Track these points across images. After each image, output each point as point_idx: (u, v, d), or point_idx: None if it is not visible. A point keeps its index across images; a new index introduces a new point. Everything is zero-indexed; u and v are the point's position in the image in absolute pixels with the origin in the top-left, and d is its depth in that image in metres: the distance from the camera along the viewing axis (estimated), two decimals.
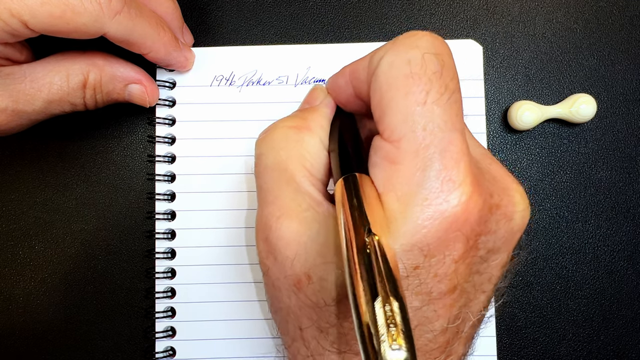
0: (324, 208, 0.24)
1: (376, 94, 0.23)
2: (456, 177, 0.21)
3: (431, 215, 0.21)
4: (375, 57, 0.24)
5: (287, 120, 0.28)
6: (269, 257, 0.24)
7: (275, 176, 0.25)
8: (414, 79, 0.22)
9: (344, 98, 0.28)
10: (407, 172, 0.21)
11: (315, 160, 0.26)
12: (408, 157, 0.21)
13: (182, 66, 0.33)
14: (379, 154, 0.23)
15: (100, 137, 0.35)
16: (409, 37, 0.23)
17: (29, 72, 0.29)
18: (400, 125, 0.22)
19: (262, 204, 0.26)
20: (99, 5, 0.26)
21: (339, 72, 0.28)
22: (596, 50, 0.35)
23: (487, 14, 0.36)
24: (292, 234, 0.23)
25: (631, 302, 0.34)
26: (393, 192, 0.21)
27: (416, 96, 0.21)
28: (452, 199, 0.21)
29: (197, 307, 0.33)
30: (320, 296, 0.22)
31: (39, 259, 0.34)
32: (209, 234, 0.34)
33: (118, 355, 0.34)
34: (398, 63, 0.22)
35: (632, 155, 0.35)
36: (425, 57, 0.22)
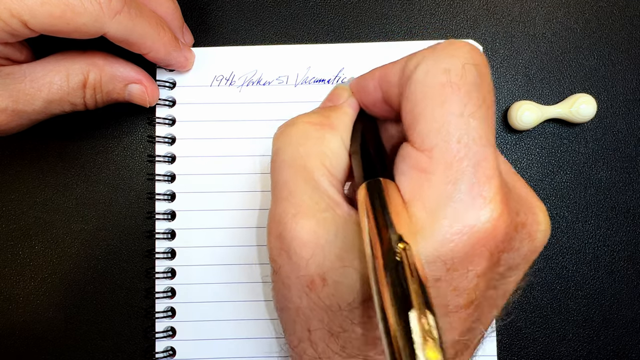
0: (344, 210, 0.24)
1: (409, 100, 0.23)
2: (487, 194, 0.21)
3: (460, 230, 0.20)
4: (411, 62, 0.23)
5: (308, 116, 0.27)
6: (281, 255, 0.24)
7: (292, 172, 0.25)
8: (452, 89, 0.21)
9: (370, 101, 0.27)
10: (438, 183, 0.21)
11: (335, 160, 0.25)
12: (440, 168, 0.21)
13: (182, 66, 0.33)
14: (407, 161, 0.22)
15: (100, 137, 0.35)
16: (448, 46, 0.23)
17: (28, 71, 0.29)
18: (434, 134, 0.21)
19: (276, 200, 0.25)
20: (99, 5, 0.26)
21: (368, 75, 0.27)
22: (596, 50, 0.35)
23: (487, 14, 0.36)
24: (309, 234, 0.23)
25: (631, 302, 0.34)
26: (421, 201, 0.21)
27: (453, 106, 0.21)
28: (483, 215, 0.20)
29: (197, 307, 0.33)
30: (335, 300, 0.22)
31: (39, 259, 0.34)
32: (208, 234, 0.34)
33: (118, 355, 0.34)
34: (436, 71, 0.22)
35: (632, 155, 0.35)
36: (465, 67, 0.22)
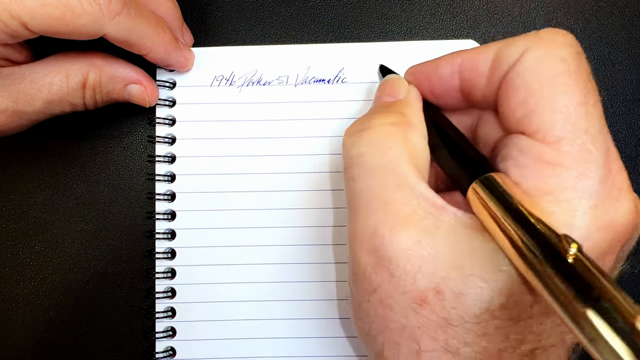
0: (449, 213, 0.22)
1: (519, 90, 0.21)
2: (621, 184, 0.20)
3: (600, 225, 0.19)
4: (512, 50, 0.22)
5: (384, 117, 0.25)
6: (379, 272, 0.22)
7: (381, 178, 0.23)
8: (572, 78, 0.21)
9: (442, 89, 0.26)
10: (571, 176, 0.20)
11: (422, 160, 0.24)
12: (570, 159, 0.20)
13: (182, 66, 0.33)
14: (528, 154, 0.21)
15: (100, 137, 0.35)
16: (555, 33, 0.22)
17: (28, 72, 0.29)
18: (561, 125, 0.20)
19: (363, 211, 0.23)
20: (98, 7, 0.26)
21: (442, 61, 0.26)
22: (596, 50, 0.35)
23: (487, 14, 0.36)
24: (412, 245, 0.21)
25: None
26: (552, 195, 0.20)
27: (577, 96, 0.20)
28: (622, 207, 0.20)
29: (197, 307, 0.33)
30: (456, 313, 0.20)
31: (39, 259, 0.34)
32: (209, 234, 0.34)
33: (118, 355, 0.34)
34: (551, 59, 0.21)
35: (632, 155, 0.35)
36: (580, 57, 0.21)
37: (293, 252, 0.33)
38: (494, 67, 0.23)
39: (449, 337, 0.20)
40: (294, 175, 0.34)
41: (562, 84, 0.21)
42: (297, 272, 0.33)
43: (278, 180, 0.34)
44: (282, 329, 0.33)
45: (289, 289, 0.33)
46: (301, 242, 0.33)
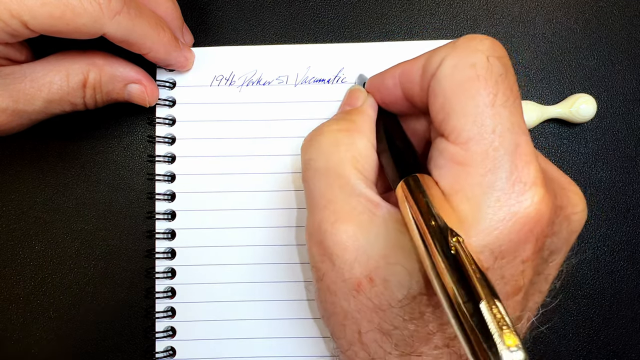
0: (382, 209, 0.24)
1: (438, 96, 0.23)
2: (527, 179, 0.21)
3: (504, 217, 0.21)
4: (434, 59, 0.24)
5: (333, 124, 0.28)
6: (324, 262, 0.24)
7: (327, 180, 0.25)
8: (481, 82, 0.22)
9: (391, 99, 0.28)
10: (477, 174, 0.21)
11: (367, 162, 0.26)
12: (477, 158, 0.21)
13: (182, 66, 0.33)
14: (444, 155, 0.23)
15: (100, 137, 0.35)
16: (470, 40, 0.23)
17: (29, 71, 0.29)
18: (469, 127, 0.22)
19: (313, 209, 0.25)
20: (98, 6, 0.26)
21: (387, 73, 0.28)
22: (596, 50, 0.35)
23: (487, 14, 0.36)
24: (349, 238, 0.23)
25: (631, 302, 0.34)
26: (462, 193, 0.21)
27: (484, 99, 0.22)
28: (525, 200, 0.21)
29: (197, 307, 0.33)
30: (384, 298, 0.22)
31: (39, 259, 0.34)
32: (208, 234, 0.34)
33: (118, 355, 0.34)
34: (462, 66, 0.22)
35: (632, 155, 0.35)
36: (490, 60, 0.22)
37: (293, 252, 0.33)
38: (422, 76, 0.25)
39: (381, 320, 0.23)
40: (294, 175, 0.34)
41: (470, 88, 0.22)
42: (297, 272, 0.33)
43: (278, 180, 0.34)
44: (281, 329, 0.33)
45: (289, 289, 0.33)
46: (301, 241, 0.33)
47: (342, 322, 0.24)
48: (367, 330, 0.23)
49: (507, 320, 0.16)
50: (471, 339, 0.17)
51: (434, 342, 0.22)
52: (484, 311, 0.17)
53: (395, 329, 0.22)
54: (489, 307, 0.17)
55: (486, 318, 0.17)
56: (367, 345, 0.23)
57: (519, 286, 0.22)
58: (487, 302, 0.17)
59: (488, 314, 0.17)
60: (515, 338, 0.16)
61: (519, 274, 0.22)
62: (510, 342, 0.16)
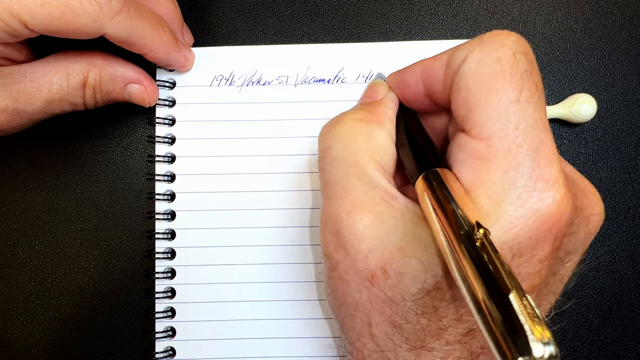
0: (400, 202, 0.24)
1: (461, 91, 0.23)
2: (549, 177, 0.21)
3: (524, 214, 0.21)
4: (457, 55, 0.23)
5: (354, 113, 0.27)
6: (338, 251, 0.24)
7: (344, 169, 0.25)
8: (506, 77, 0.22)
9: (411, 95, 0.28)
10: (499, 170, 0.21)
11: (385, 154, 0.26)
12: (500, 154, 0.21)
13: (182, 66, 0.33)
14: (465, 150, 0.23)
15: (100, 137, 0.35)
16: (496, 36, 0.23)
17: (28, 71, 0.29)
18: (492, 122, 0.22)
19: (329, 198, 0.25)
20: (98, 6, 0.26)
21: (408, 70, 0.28)
22: (596, 50, 0.35)
23: (487, 14, 0.36)
24: (366, 228, 0.23)
25: (631, 302, 0.34)
26: (483, 189, 0.21)
27: (509, 94, 0.22)
28: (546, 198, 0.21)
29: (197, 307, 0.33)
30: (398, 291, 0.22)
31: (39, 259, 0.34)
32: (208, 234, 0.34)
33: (118, 355, 0.34)
34: (488, 61, 0.22)
35: (632, 155, 0.35)
36: (516, 56, 0.22)
37: (292, 252, 0.33)
38: (446, 72, 0.25)
39: (393, 313, 0.22)
40: (293, 175, 0.34)
41: (495, 83, 0.22)
42: (296, 272, 0.33)
43: (278, 180, 0.34)
44: (282, 328, 0.33)
45: (289, 288, 0.33)
46: (301, 241, 0.33)
47: (352, 312, 0.24)
48: (377, 322, 0.23)
49: (538, 313, 0.16)
50: (496, 333, 0.17)
51: (445, 338, 0.22)
52: (514, 303, 0.16)
53: (407, 322, 0.22)
54: (519, 298, 0.16)
55: (516, 310, 0.16)
56: (377, 338, 0.23)
57: (534, 285, 0.22)
58: (517, 294, 0.17)
59: (519, 305, 0.16)
60: (547, 331, 0.15)
61: (535, 272, 0.22)
62: (542, 335, 0.15)
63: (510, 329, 0.16)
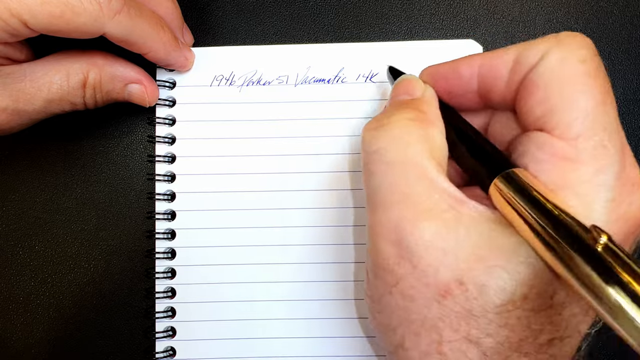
0: (469, 207, 0.22)
1: (540, 89, 0.23)
2: (635, 179, 0.21)
3: (616, 217, 0.20)
4: (531, 52, 0.23)
5: (403, 113, 0.25)
6: (402, 264, 0.22)
7: (402, 173, 0.23)
8: (592, 78, 0.22)
9: (460, 90, 0.27)
10: (588, 171, 0.21)
11: (442, 155, 0.24)
12: (587, 155, 0.21)
13: (182, 66, 0.33)
14: (546, 150, 0.22)
15: (100, 137, 0.35)
16: (574, 37, 0.23)
17: (29, 71, 0.29)
18: (579, 123, 0.21)
19: (384, 205, 0.23)
20: (98, 5, 0.26)
21: (462, 63, 0.26)
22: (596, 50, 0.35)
23: (487, 14, 0.36)
24: (434, 237, 0.21)
25: None
26: (570, 189, 0.21)
27: (597, 96, 0.21)
28: (636, 201, 0.21)
29: (197, 307, 0.33)
30: (478, 303, 0.21)
31: (39, 259, 0.34)
32: (208, 234, 0.34)
33: (118, 355, 0.34)
34: (572, 60, 0.22)
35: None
36: (597, 59, 0.22)
37: (292, 251, 0.33)
38: (514, 69, 0.24)
39: (471, 327, 0.21)
40: (293, 175, 0.34)
41: (581, 84, 0.22)
42: (296, 272, 0.33)
43: (278, 180, 0.34)
44: (282, 329, 0.33)
45: (288, 288, 0.33)
46: (300, 241, 0.33)
47: (417, 330, 0.22)
48: (450, 340, 0.21)
49: None
50: None
51: (524, 349, 0.21)
52: None
53: (487, 336, 0.21)
54: None
55: None
56: (447, 356, 0.22)
57: None
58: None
59: None
60: None
61: None
62: None
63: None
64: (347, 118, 0.34)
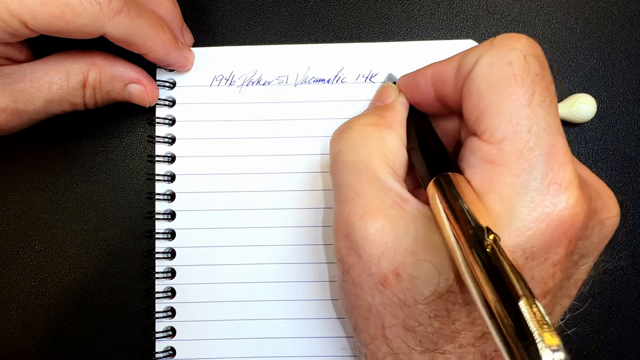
0: (412, 205, 0.24)
1: (473, 95, 0.23)
2: (562, 180, 0.21)
3: (538, 218, 0.21)
4: (469, 59, 0.24)
5: (364, 118, 0.28)
6: (351, 255, 0.24)
7: (355, 173, 0.25)
8: (517, 81, 0.22)
9: (422, 98, 0.28)
10: (512, 174, 0.21)
11: (396, 158, 0.26)
12: (512, 158, 0.21)
13: (182, 66, 0.33)
14: (477, 154, 0.23)
15: (100, 137, 0.35)
16: (506, 39, 0.23)
17: (29, 71, 0.29)
18: (504, 126, 0.22)
19: (341, 202, 0.25)
20: (98, 6, 0.26)
21: (419, 73, 0.28)
22: (596, 50, 0.35)
23: (487, 14, 0.36)
24: (377, 232, 0.23)
25: (631, 302, 0.34)
26: (495, 192, 0.21)
27: (520, 98, 0.22)
28: (560, 202, 0.21)
29: (197, 307, 0.33)
30: (410, 294, 0.22)
31: (39, 259, 0.34)
32: (208, 234, 0.34)
33: (118, 355, 0.34)
34: (499, 64, 0.22)
35: (632, 155, 0.35)
36: (527, 59, 0.22)
37: (292, 252, 0.33)
38: (456, 75, 0.25)
39: (405, 316, 0.22)
40: (293, 175, 0.34)
41: (506, 87, 0.22)
42: (296, 272, 0.33)
43: (278, 180, 0.34)
44: (282, 328, 0.33)
45: (288, 288, 0.33)
46: (300, 241, 0.33)
47: (365, 315, 0.24)
48: (390, 325, 0.23)
49: (547, 319, 0.16)
50: (507, 339, 0.17)
51: (459, 341, 0.22)
52: (524, 310, 0.17)
53: (419, 325, 0.22)
54: (528, 305, 0.17)
55: (526, 317, 0.16)
56: (390, 340, 0.23)
57: (548, 289, 0.22)
58: (527, 301, 0.17)
59: (528, 312, 0.16)
60: (556, 338, 0.16)
61: (549, 276, 0.22)
62: (552, 341, 0.15)
63: (520, 335, 0.16)
64: (347, 118, 0.33)
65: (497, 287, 0.18)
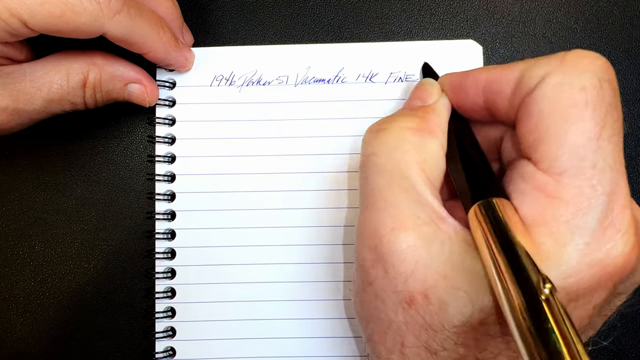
0: (449, 225, 0.22)
1: (533, 116, 0.21)
2: (620, 225, 0.19)
3: (589, 262, 0.19)
4: (533, 73, 0.22)
5: (403, 120, 0.25)
6: (376, 268, 0.22)
7: (388, 180, 0.23)
8: (588, 110, 0.20)
9: (468, 104, 0.26)
10: (568, 211, 0.20)
11: (435, 168, 0.24)
12: (570, 193, 0.20)
13: (182, 66, 0.33)
14: (529, 182, 0.21)
15: (100, 137, 0.35)
16: (581, 58, 0.21)
17: (29, 71, 0.29)
18: (566, 158, 0.20)
19: (369, 209, 0.23)
20: (98, 5, 0.26)
21: (469, 77, 0.25)
22: (596, 50, 0.35)
23: (487, 14, 0.36)
24: (409, 248, 0.21)
25: (631, 302, 0.34)
26: (546, 227, 0.20)
27: (590, 130, 0.20)
28: (615, 248, 0.19)
29: (197, 307, 0.33)
30: (437, 319, 0.21)
31: (39, 259, 0.34)
32: (208, 234, 0.34)
33: (118, 355, 0.34)
34: (569, 87, 0.20)
35: (632, 155, 0.35)
36: (602, 85, 0.20)
37: (292, 252, 0.33)
38: (516, 89, 0.23)
39: (429, 338, 0.21)
40: (293, 175, 0.34)
41: (575, 115, 0.20)
42: (296, 272, 0.33)
43: (278, 180, 0.34)
44: (282, 329, 0.33)
45: (288, 288, 0.33)
46: (300, 241, 0.33)
47: (384, 329, 0.23)
48: (412, 346, 0.22)
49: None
50: None
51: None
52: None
53: (444, 350, 0.21)
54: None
55: None
56: (409, 358, 0.22)
57: (581, 327, 0.21)
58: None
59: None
60: None
61: (586, 316, 0.21)
62: None
63: None
64: (347, 118, 0.34)
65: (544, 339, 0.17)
